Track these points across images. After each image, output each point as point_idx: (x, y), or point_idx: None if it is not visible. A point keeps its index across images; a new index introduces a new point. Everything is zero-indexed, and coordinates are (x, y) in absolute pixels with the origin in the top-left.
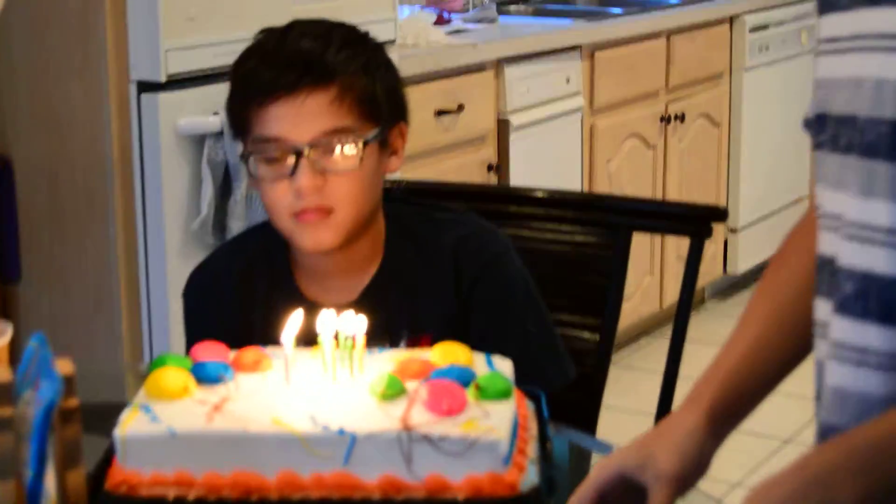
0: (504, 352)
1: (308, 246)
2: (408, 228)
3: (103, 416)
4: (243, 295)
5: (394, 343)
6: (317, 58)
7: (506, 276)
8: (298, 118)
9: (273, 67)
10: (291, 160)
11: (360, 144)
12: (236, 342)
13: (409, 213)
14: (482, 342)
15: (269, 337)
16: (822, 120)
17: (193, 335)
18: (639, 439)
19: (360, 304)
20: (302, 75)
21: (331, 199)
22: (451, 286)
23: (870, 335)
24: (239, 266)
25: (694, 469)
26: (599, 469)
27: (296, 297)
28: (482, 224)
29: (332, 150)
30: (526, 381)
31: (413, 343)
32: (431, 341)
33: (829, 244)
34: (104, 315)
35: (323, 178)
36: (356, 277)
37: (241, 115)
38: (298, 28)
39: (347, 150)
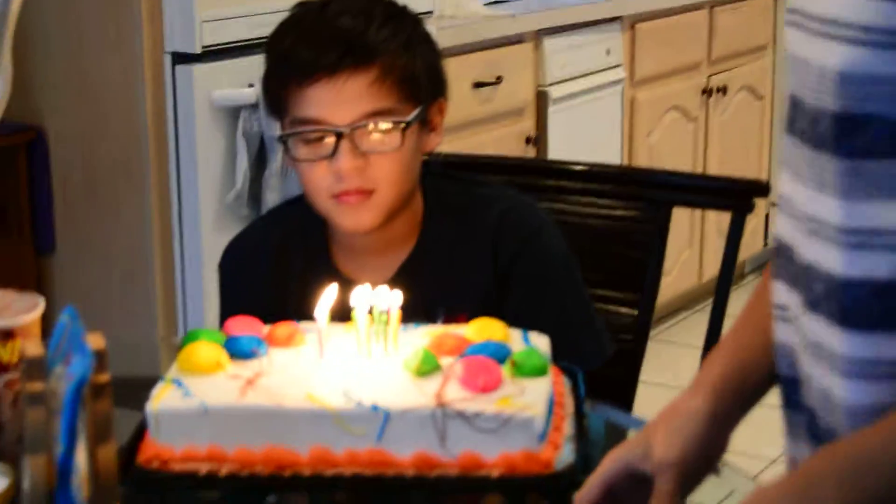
0: (541, 328)
1: (348, 226)
2: (446, 205)
3: (136, 390)
4: (279, 269)
5: (430, 321)
6: (358, 36)
7: (544, 252)
8: (339, 100)
9: (313, 46)
10: (331, 142)
11: (402, 126)
12: (271, 317)
13: (448, 188)
14: (519, 318)
15: (303, 312)
16: (790, 99)
17: (228, 308)
18: (643, 429)
19: (397, 281)
20: (343, 56)
21: (371, 181)
22: (489, 262)
23: (834, 339)
24: (275, 240)
25: (700, 452)
26: (606, 462)
27: (332, 273)
28: (521, 199)
29: (373, 132)
30: (563, 357)
31: (449, 321)
32: (468, 319)
33: (787, 230)
34: (139, 287)
35: (364, 160)
36: (393, 255)
37: (279, 94)
38: (337, 2)
39: (388, 132)
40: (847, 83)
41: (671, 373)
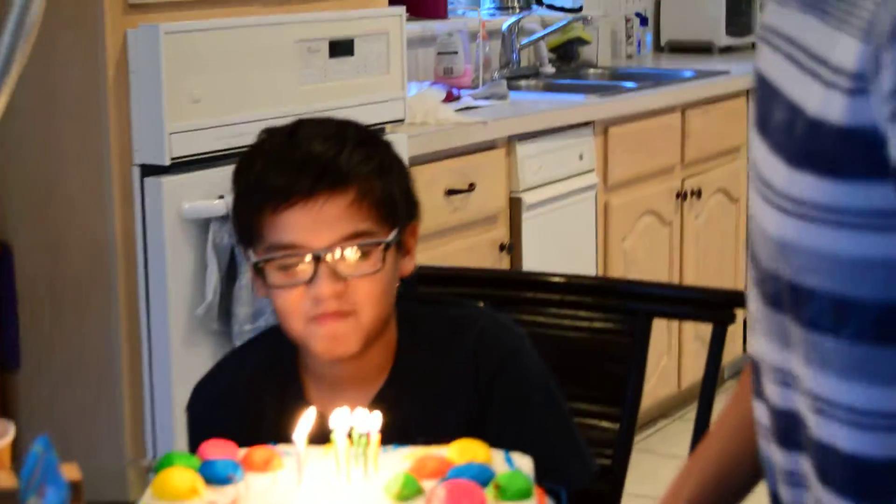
0: (524, 450)
1: (325, 352)
2: (421, 332)
3: None
4: (251, 407)
5: None
6: (331, 161)
7: (523, 372)
8: (317, 223)
9: (285, 172)
10: (309, 267)
11: (382, 248)
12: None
13: (422, 315)
14: (501, 440)
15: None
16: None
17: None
18: None
19: (374, 407)
20: (317, 180)
21: (351, 304)
22: (469, 386)
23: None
24: (245, 378)
25: None
26: None
27: (304, 406)
28: (497, 318)
29: (352, 255)
30: (547, 478)
31: None
32: None
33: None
34: (106, 404)
35: (343, 284)
36: (367, 385)
37: (252, 222)
38: (306, 128)
39: (367, 255)
40: (785, 251)
41: (653, 483)
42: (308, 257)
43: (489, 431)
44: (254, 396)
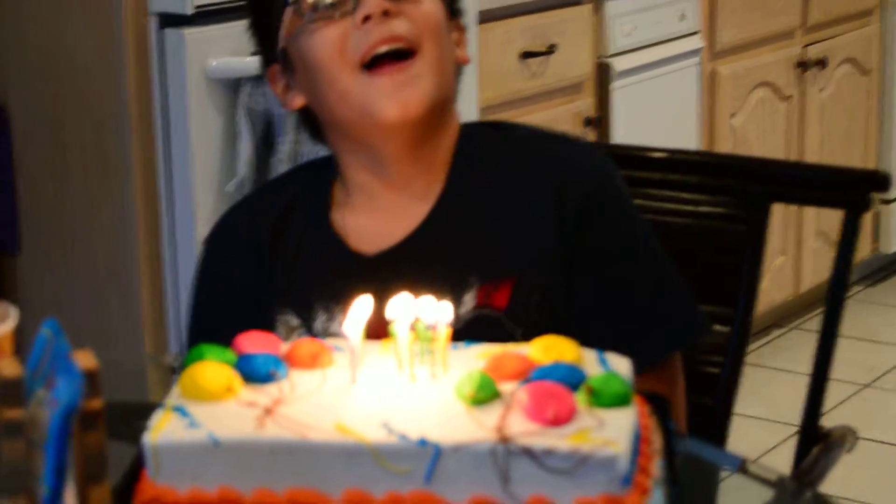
0: (622, 299)
1: (391, 111)
2: (483, 145)
3: (125, 418)
4: (273, 244)
5: (458, 294)
6: None
7: (623, 197)
8: None
9: None
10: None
11: None
12: (254, 303)
13: (487, 134)
14: (592, 283)
15: (290, 295)
16: None
17: (205, 293)
18: None
19: (412, 243)
20: None
21: (410, 32)
22: (548, 215)
23: None
24: (277, 209)
25: None
26: None
27: (325, 235)
28: (581, 141)
29: None
30: (653, 329)
31: (488, 291)
32: (514, 287)
33: None
34: (120, 296)
35: (394, 5)
36: (411, 206)
37: None
38: None
39: None
40: None
41: (765, 403)
42: None
43: (574, 273)
44: (279, 229)
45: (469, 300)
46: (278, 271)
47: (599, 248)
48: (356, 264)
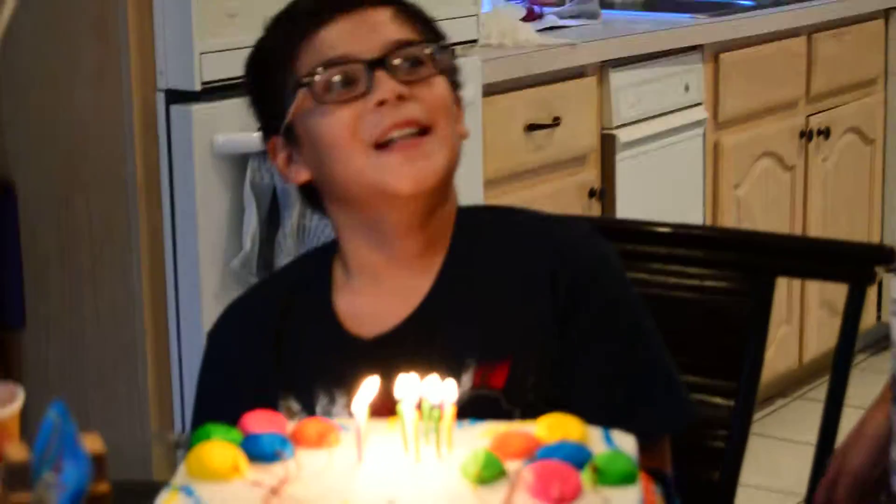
0: (610, 378)
1: (404, 183)
2: (481, 225)
3: (131, 497)
4: (279, 332)
5: (455, 375)
6: None
7: (615, 282)
8: (363, 31)
9: None
10: (363, 77)
11: (431, 49)
12: (260, 389)
13: (484, 218)
14: (581, 365)
15: (292, 380)
16: None
17: (210, 384)
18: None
19: (411, 325)
20: None
21: (423, 113)
22: (543, 298)
23: None
24: (280, 298)
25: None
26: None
27: (327, 321)
28: (580, 222)
29: (406, 63)
30: (639, 414)
31: (485, 372)
32: (511, 367)
33: None
34: (125, 371)
35: (407, 89)
36: (409, 288)
37: (289, 47)
38: None
39: (423, 63)
40: None
41: (769, 473)
42: (360, 70)
43: (566, 355)
44: (284, 318)
45: (466, 381)
46: (281, 356)
47: (590, 332)
48: (355, 348)
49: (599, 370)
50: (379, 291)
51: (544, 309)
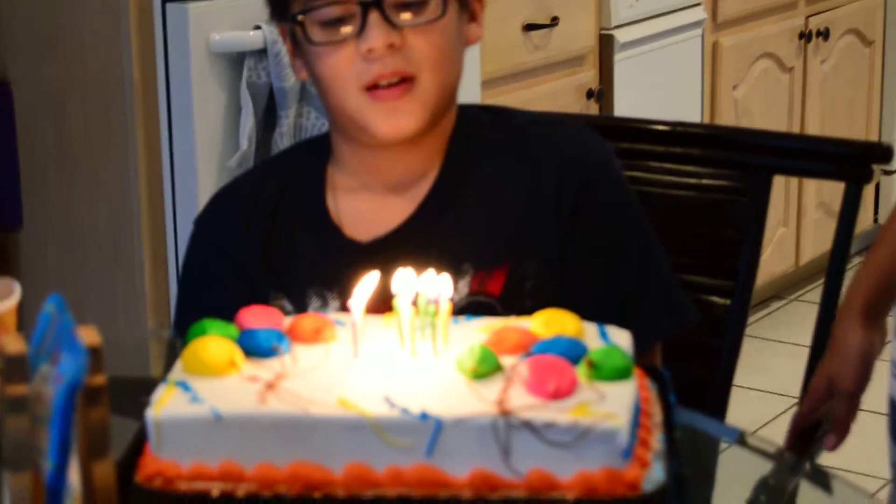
0: (614, 282)
1: (385, 130)
2: (480, 131)
3: (127, 393)
4: (271, 226)
5: (452, 280)
6: None
7: (618, 184)
8: None
9: None
10: (357, 15)
11: None
12: (247, 280)
13: (483, 119)
14: (586, 268)
15: (285, 280)
16: None
17: (194, 273)
18: (820, 366)
19: (407, 231)
20: None
21: (410, 64)
22: (546, 202)
23: None
24: (273, 189)
25: (869, 373)
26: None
27: (321, 223)
28: (579, 124)
29: (406, 1)
30: (642, 315)
31: (482, 279)
32: (507, 275)
33: None
34: (123, 270)
35: (399, 37)
36: (407, 192)
37: None
38: None
39: (424, 4)
40: None
41: (763, 375)
42: (354, 6)
43: (571, 257)
44: (277, 211)
45: (463, 287)
46: (273, 255)
47: (593, 236)
48: (351, 251)
49: (598, 273)
50: (375, 195)
51: (545, 216)
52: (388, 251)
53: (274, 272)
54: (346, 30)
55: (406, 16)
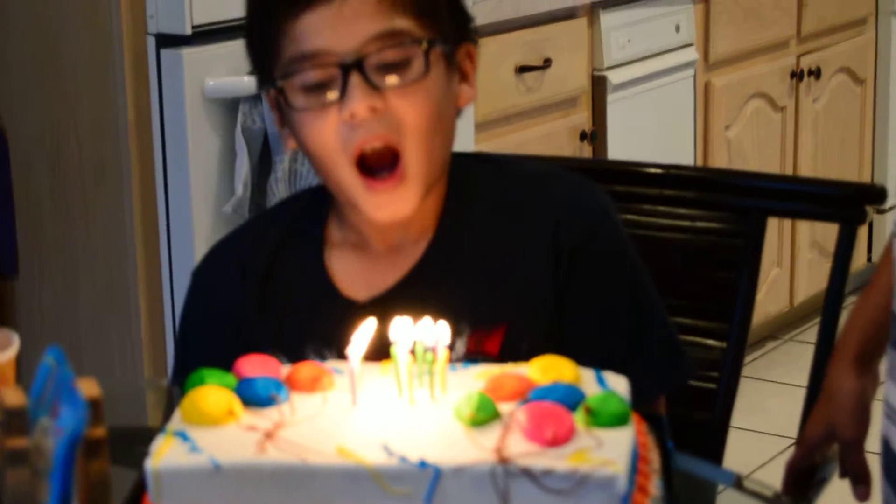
0: (611, 338)
1: (380, 217)
2: (475, 184)
3: (125, 442)
4: (267, 278)
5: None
6: None
7: (618, 237)
8: (340, 22)
9: None
10: (338, 80)
11: (424, 45)
12: (241, 332)
13: (477, 172)
14: (582, 324)
15: (281, 338)
16: None
17: (194, 321)
18: (816, 411)
19: (404, 290)
20: None
21: (395, 131)
22: (543, 257)
23: None
24: (273, 241)
25: (868, 419)
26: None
27: (319, 282)
28: (576, 175)
29: (388, 63)
30: (638, 373)
31: (479, 338)
32: (505, 334)
33: None
34: (118, 317)
35: (381, 100)
36: (401, 255)
37: (268, 35)
38: None
39: (407, 62)
40: None
41: (759, 415)
42: (333, 69)
43: (569, 313)
44: (275, 264)
45: (460, 347)
46: (269, 310)
47: (590, 293)
48: (348, 311)
49: (596, 328)
50: (372, 253)
51: (542, 272)
52: (386, 310)
53: (270, 329)
54: (332, 95)
55: (391, 78)
